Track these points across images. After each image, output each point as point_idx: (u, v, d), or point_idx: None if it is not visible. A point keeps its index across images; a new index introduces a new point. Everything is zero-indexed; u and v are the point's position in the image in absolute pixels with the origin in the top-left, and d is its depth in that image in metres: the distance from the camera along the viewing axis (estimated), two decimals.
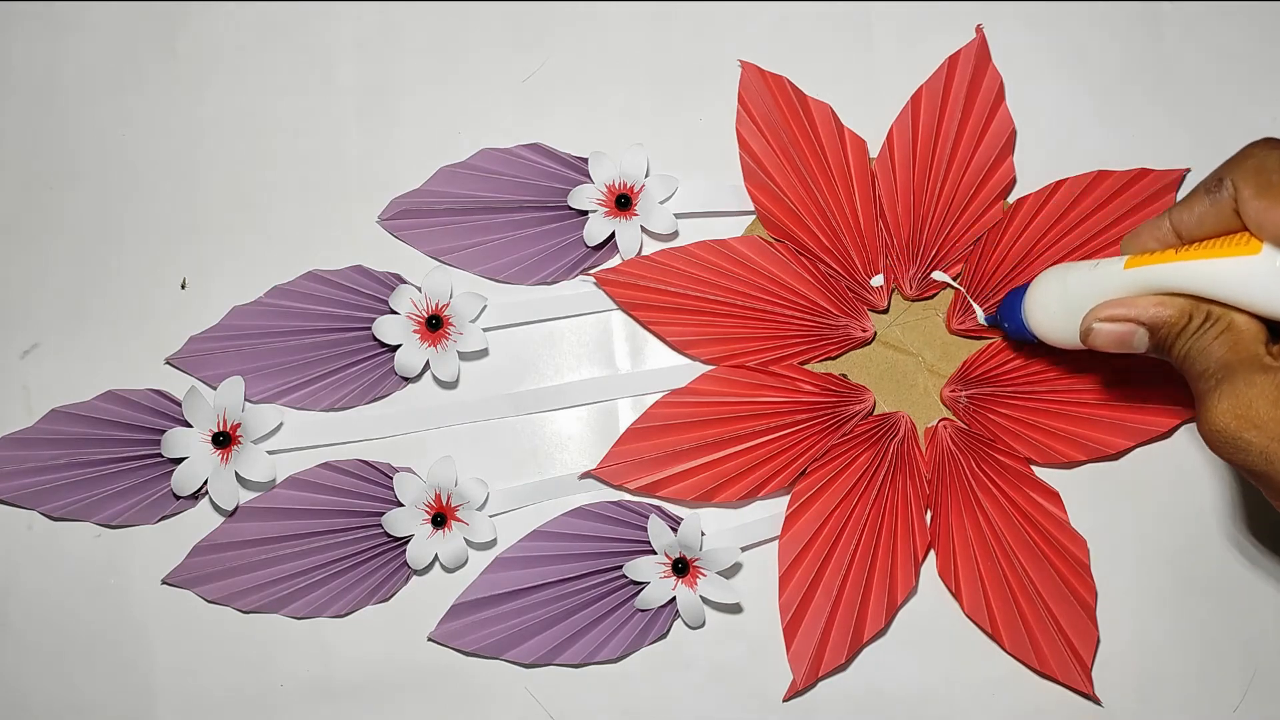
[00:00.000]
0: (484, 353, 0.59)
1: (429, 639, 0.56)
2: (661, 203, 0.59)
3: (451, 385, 0.58)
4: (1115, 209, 0.57)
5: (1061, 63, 0.61)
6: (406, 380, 0.58)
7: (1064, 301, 0.47)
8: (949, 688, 0.56)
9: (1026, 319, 0.50)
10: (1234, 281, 0.40)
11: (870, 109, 0.59)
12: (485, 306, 0.58)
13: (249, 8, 0.62)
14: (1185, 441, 0.57)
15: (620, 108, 0.61)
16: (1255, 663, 0.56)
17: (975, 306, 0.57)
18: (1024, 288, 0.50)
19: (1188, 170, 0.58)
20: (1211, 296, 0.41)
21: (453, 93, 0.61)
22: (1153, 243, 0.44)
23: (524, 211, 0.59)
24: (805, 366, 0.58)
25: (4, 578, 0.58)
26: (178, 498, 0.57)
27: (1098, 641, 0.55)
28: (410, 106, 0.61)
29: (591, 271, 0.59)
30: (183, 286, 0.59)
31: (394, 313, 0.57)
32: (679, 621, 0.57)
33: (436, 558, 0.57)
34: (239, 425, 0.56)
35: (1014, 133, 0.58)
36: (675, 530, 0.55)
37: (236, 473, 0.56)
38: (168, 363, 0.58)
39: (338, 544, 0.56)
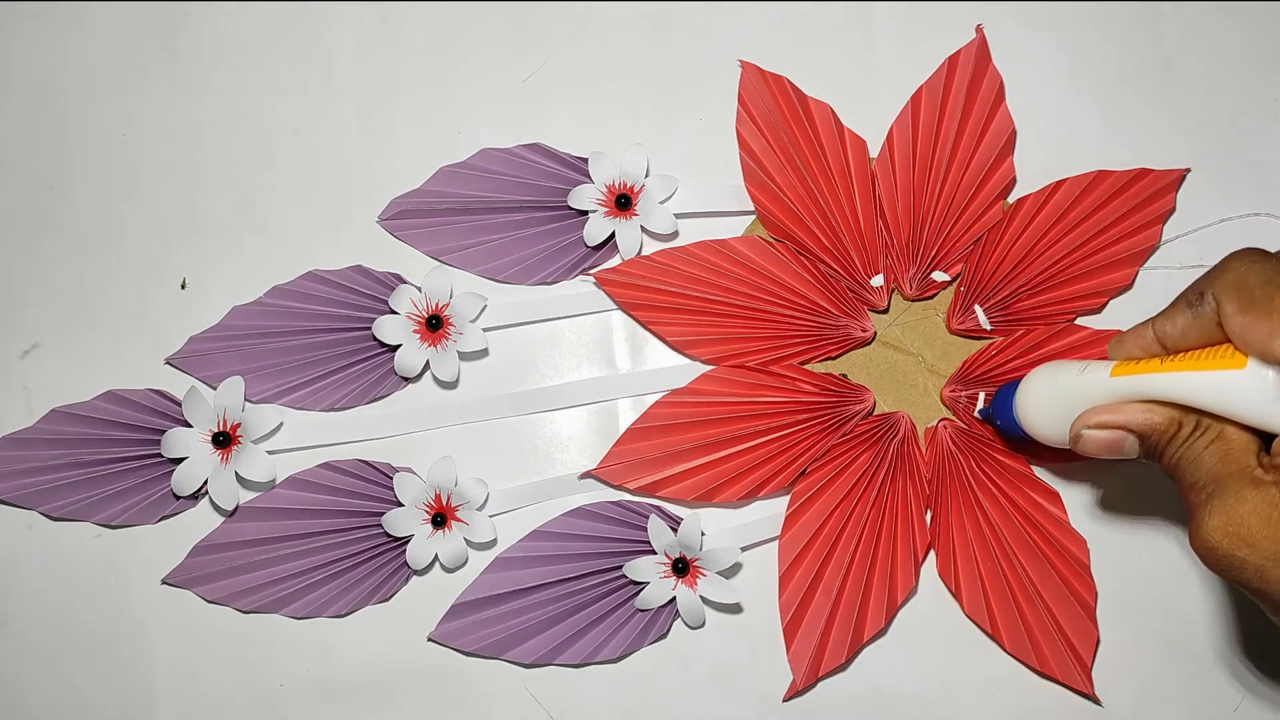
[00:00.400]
0: (484, 353, 0.59)
1: (429, 639, 0.56)
2: (661, 203, 0.59)
3: (451, 385, 0.58)
4: (1115, 209, 0.57)
5: (1061, 63, 0.61)
6: (406, 380, 0.58)
7: (1053, 403, 0.47)
8: (949, 688, 0.56)
9: (1018, 417, 0.49)
10: (1220, 394, 0.40)
11: (870, 109, 0.59)
12: (485, 306, 0.58)
13: (249, 8, 0.62)
14: None
15: (620, 108, 0.61)
16: (1255, 662, 0.56)
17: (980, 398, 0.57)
18: (1016, 384, 0.50)
19: (1187, 170, 0.58)
20: (1199, 407, 0.41)
21: (453, 93, 0.61)
22: (1138, 350, 0.44)
23: (524, 211, 0.59)
24: (805, 366, 0.58)
25: (4, 578, 0.57)
26: (178, 498, 0.57)
27: (1098, 641, 0.55)
28: (410, 106, 0.61)
29: (591, 271, 0.59)
30: (183, 286, 0.59)
31: (394, 313, 0.57)
32: (679, 621, 0.57)
33: (436, 558, 0.57)
34: (239, 425, 0.56)
35: (1014, 133, 0.58)
36: (675, 530, 0.55)
37: (236, 473, 0.56)
38: (168, 363, 0.58)
39: (338, 544, 0.56)
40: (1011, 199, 0.59)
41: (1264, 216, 0.59)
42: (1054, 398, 0.47)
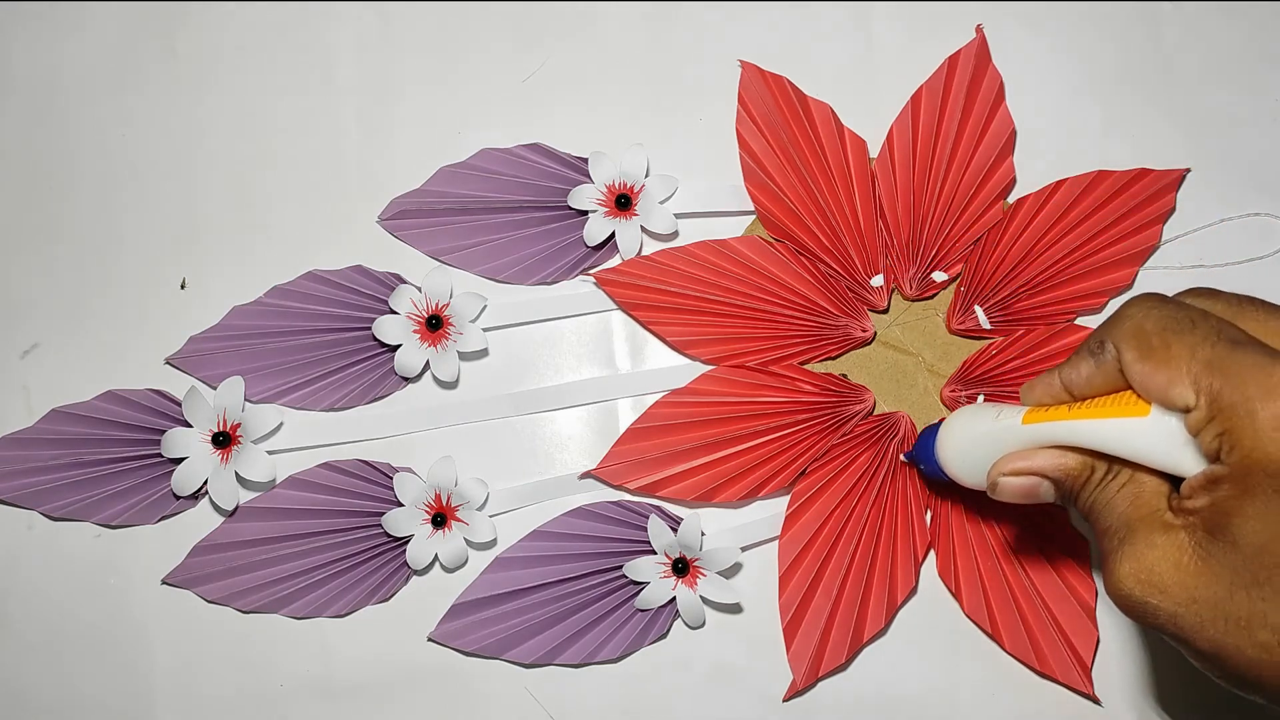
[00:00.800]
0: (484, 353, 0.59)
1: (429, 639, 0.56)
2: (661, 203, 0.59)
3: (451, 385, 0.58)
4: (1115, 209, 0.57)
5: (1061, 63, 0.61)
6: (406, 380, 0.58)
7: (971, 449, 0.47)
8: (949, 688, 0.56)
9: (939, 462, 0.49)
10: (1126, 441, 0.40)
11: (870, 109, 0.59)
12: (485, 306, 0.58)
13: (249, 8, 0.62)
14: None
15: (620, 108, 0.61)
16: None
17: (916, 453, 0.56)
18: (937, 428, 0.50)
19: (1187, 170, 0.58)
20: (1107, 452, 0.41)
21: (453, 93, 0.61)
22: (1046, 398, 0.43)
23: (524, 211, 0.59)
24: (805, 366, 0.58)
25: (4, 578, 0.57)
26: (178, 498, 0.57)
27: (1098, 642, 0.55)
28: (410, 106, 0.61)
29: (591, 271, 0.59)
30: (182, 286, 0.59)
31: (394, 313, 0.57)
32: (679, 621, 0.57)
33: (436, 558, 0.56)
34: (239, 425, 0.56)
35: (1014, 133, 0.58)
36: (675, 530, 0.55)
37: (236, 473, 0.56)
38: (168, 363, 0.58)
39: (338, 544, 0.56)
40: (1011, 199, 0.59)
41: (1264, 216, 0.59)
42: (972, 444, 0.47)
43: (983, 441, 0.46)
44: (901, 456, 0.57)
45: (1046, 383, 0.43)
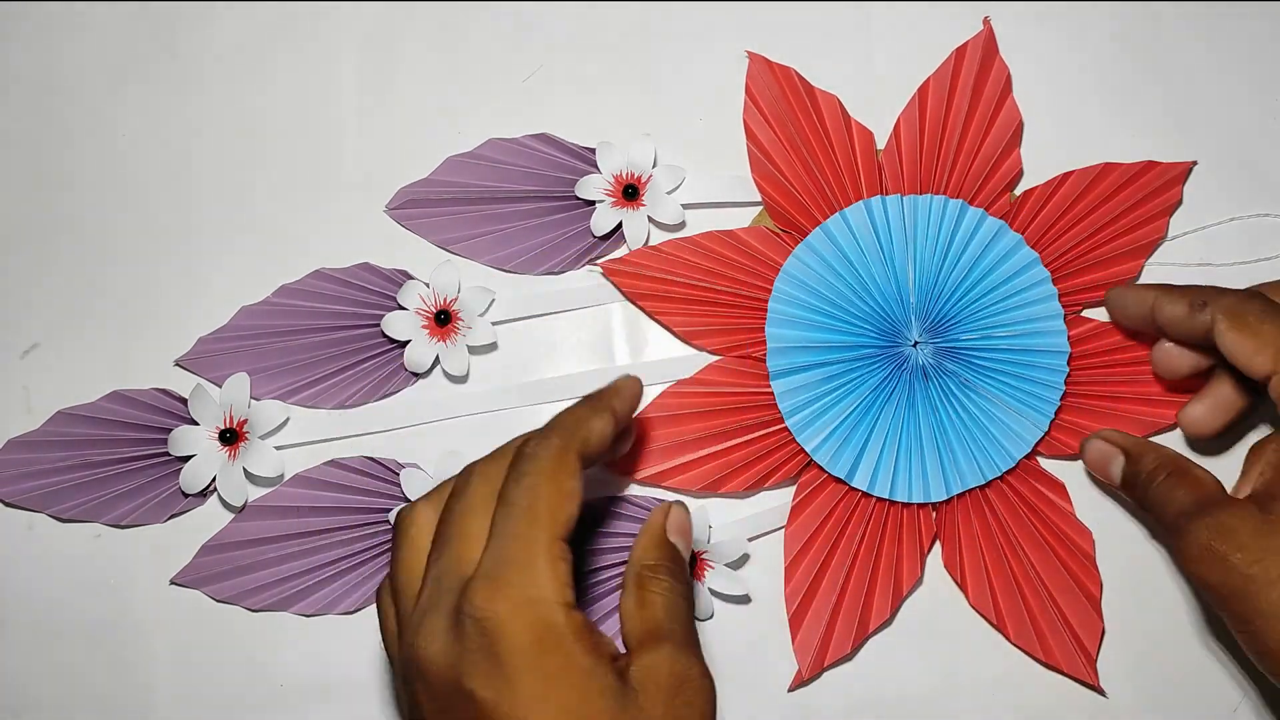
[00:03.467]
0: (493, 346, 0.58)
1: None
2: (669, 193, 0.58)
3: (462, 380, 0.58)
4: (1122, 201, 0.57)
5: (1069, 55, 0.60)
6: (416, 376, 0.58)
7: None
8: (953, 677, 0.57)
9: None
10: None
11: (877, 101, 0.59)
12: (494, 300, 0.57)
13: (249, 8, 0.61)
14: None
15: (626, 98, 0.60)
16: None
17: None
18: None
19: (1194, 163, 0.58)
20: None
21: (453, 93, 0.60)
22: (1133, 307, 0.53)
23: (531, 201, 0.58)
24: None
25: (4, 578, 0.57)
26: (186, 495, 0.56)
27: (1102, 633, 0.56)
28: (411, 106, 0.60)
29: (598, 262, 0.58)
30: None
31: (403, 309, 0.56)
32: None
33: None
34: (245, 421, 0.56)
35: (1021, 124, 0.58)
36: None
37: (245, 469, 0.55)
38: (178, 364, 0.57)
39: (346, 540, 0.56)
40: (1018, 191, 0.59)
41: (1271, 218, 0.59)
42: None
43: None
44: None
45: (1139, 297, 0.52)
